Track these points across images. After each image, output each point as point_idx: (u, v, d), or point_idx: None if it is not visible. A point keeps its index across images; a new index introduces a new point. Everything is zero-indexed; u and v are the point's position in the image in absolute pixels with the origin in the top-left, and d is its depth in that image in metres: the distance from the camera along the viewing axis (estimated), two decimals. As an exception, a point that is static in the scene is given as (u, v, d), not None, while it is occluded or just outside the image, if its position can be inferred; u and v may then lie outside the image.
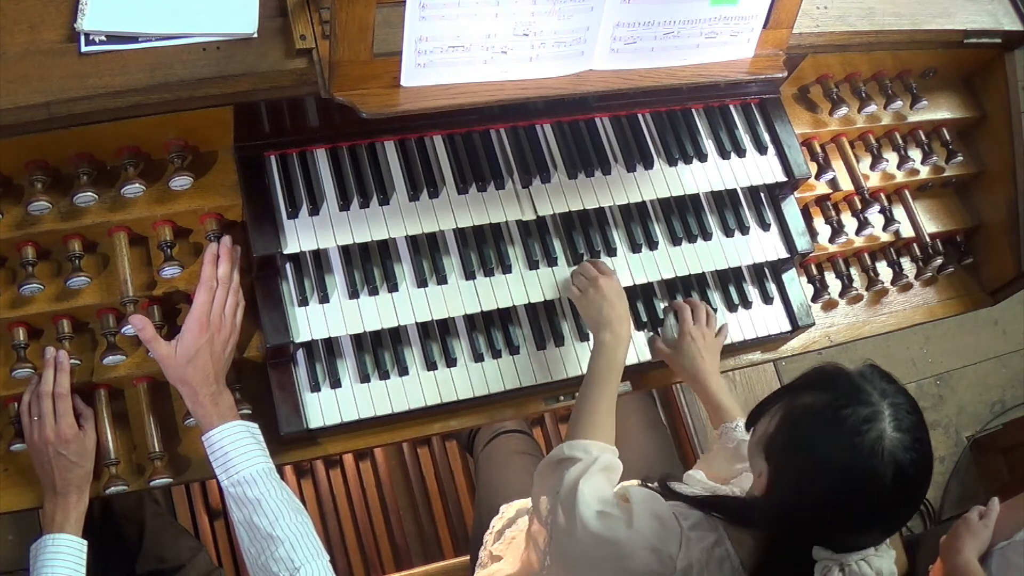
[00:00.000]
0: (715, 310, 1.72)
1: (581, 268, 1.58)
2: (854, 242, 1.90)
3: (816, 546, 1.18)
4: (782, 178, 1.74)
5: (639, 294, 1.69)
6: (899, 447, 1.11)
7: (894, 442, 1.11)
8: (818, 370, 1.20)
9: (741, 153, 1.73)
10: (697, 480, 1.49)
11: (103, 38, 1.28)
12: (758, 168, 1.73)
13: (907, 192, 1.95)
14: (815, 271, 1.90)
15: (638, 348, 1.66)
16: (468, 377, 1.56)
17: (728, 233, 1.73)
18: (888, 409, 1.12)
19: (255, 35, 1.33)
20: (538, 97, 1.39)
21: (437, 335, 1.57)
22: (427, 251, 1.56)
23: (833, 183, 1.87)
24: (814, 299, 1.88)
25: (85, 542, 1.35)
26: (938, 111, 1.97)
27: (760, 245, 1.75)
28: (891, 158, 1.92)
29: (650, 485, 1.42)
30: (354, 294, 1.50)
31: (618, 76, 1.43)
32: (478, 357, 1.57)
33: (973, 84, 2.02)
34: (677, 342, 1.63)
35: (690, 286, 1.73)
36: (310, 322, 1.47)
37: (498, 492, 1.80)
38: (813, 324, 1.79)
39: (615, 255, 1.65)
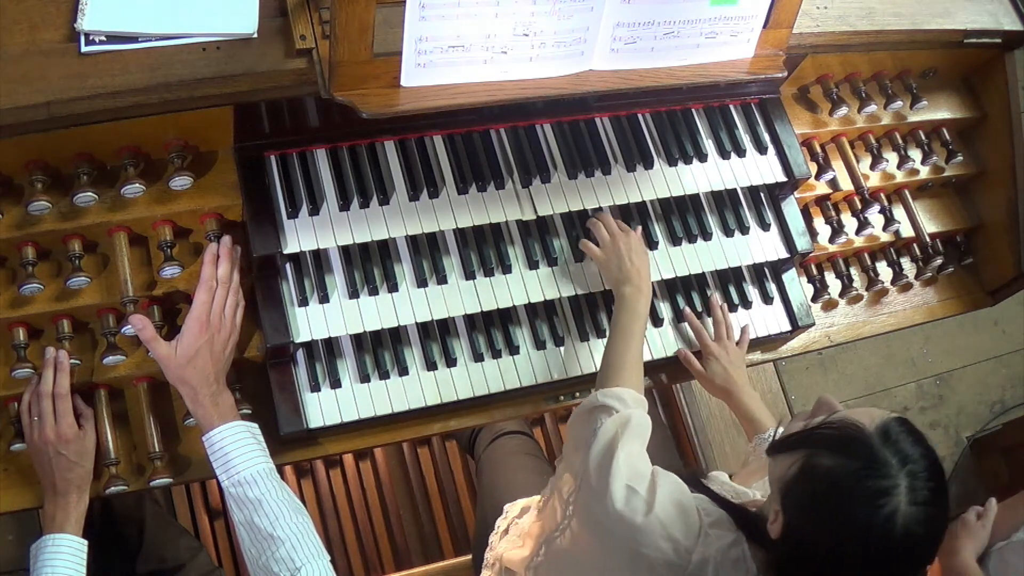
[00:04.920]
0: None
1: (599, 221, 1.59)
2: (854, 242, 1.90)
3: None
4: (782, 178, 1.74)
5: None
6: (912, 521, 1.10)
7: (907, 517, 1.10)
8: (840, 428, 1.15)
9: (741, 153, 1.73)
10: (721, 482, 1.48)
11: (103, 38, 1.28)
12: (758, 168, 1.73)
13: (907, 192, 1.95)
14: (815, 271, 1.90)
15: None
16: (468, 377, 1.56)
17: (728, 233, 1.73)
18: (905, 480, 1.10)
19: (255, 35, 1.33)
20: (538, 97, 1.39)
21: (437, 335, 1.57)
22: (427, 251, 1.56)
23: (833, 183, 1.87)
24: (814, 299, 1.88)
25: (85, 542, 1.35)
26: (938, 111, 1.97)
27: (760, 245, 1.75)
28: (891, 158, 1.92)
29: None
30: (354, 294, 1.50)
31: (618, 76, 1.43)
32: (478, 357, 1.57)
33: (973, 84, 2.02)
34: (702, 362, 1.66)
35: (690, 286, 1.73)
36: (310, 322, 1.47)
37: (502, 492, 1.80)
38: (813, 324, 1.79)
39: (615, 255, 1.65)
